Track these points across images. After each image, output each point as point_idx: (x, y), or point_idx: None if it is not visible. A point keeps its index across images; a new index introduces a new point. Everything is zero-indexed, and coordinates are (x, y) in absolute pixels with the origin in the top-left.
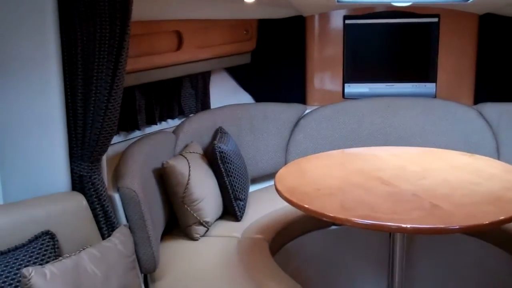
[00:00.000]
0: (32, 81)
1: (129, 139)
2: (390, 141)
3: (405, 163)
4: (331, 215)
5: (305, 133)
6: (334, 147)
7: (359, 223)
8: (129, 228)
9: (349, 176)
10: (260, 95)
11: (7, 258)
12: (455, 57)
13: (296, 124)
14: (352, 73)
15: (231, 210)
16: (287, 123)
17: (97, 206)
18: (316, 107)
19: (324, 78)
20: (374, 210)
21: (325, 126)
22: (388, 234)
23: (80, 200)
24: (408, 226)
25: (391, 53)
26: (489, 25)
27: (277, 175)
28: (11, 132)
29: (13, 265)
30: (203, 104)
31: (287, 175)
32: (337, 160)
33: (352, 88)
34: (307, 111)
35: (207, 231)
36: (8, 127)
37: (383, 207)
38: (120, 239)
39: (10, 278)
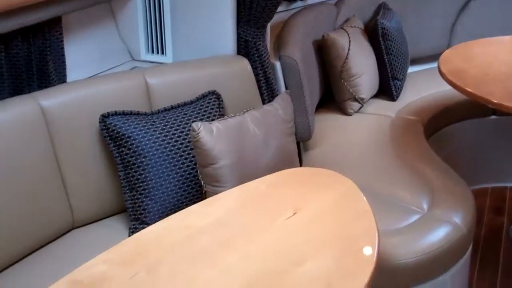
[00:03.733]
0: None
1: (291, 9)
2: None
3: None
4: (497, 102)
5: (474, 15)
6: (504, 33)
7: None
8: None
9: None
10: None
11: (177, 112)
12: None
13: (465, 5)
14: None
15: (387, 89)
16: (455, 3)
17: (260, 71)
18: None
19: None
20: None
21: (497, 10)
22: None
23: (244, 64)
24: None
25: None
26: None
27: (442, 57)
28: None
29: (182, 119)
30: None
31: (452, 57)
32: (509, 47)
33: None
34: None
35: (361, 107)
36: None
37: None
38: (281, 104)
39: (179, 131)
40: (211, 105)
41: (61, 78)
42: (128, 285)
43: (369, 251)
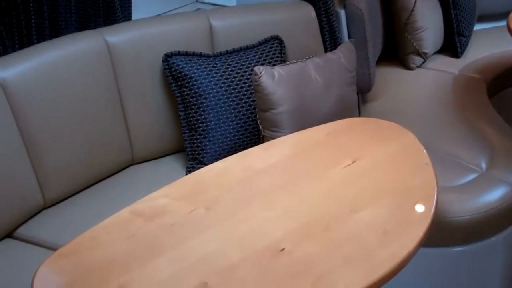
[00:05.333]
0: None
1: None
2: None
3: None
4: None
5: None
6: None
7: None
8: None
9: None
10: None
11: (239, 55)
12: None
13: None
14: None
15: (452, 45)
16: None
17: (324, 19)
18: None
19: None
20: None
21: None
22: None
23: (309, 11)
24: None
25: None
26: None
27: None
28: None
29: (244, 62)
30: None
31: None
32: None
33: None
34: None
35: (423, 62)
36: None
37: None
38: (344, 53)
39: (240, 74)
40: (273, 50)
41: (127, 16)
42: (187, 219)
43: (427, 204)
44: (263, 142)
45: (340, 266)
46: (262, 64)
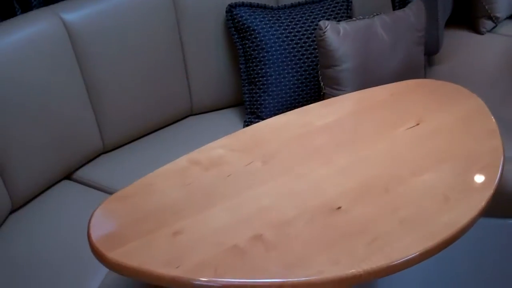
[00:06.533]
0: None
1: None
2: None
3: None
4: None
5: None
6: None
7: None
8: None
9: None
10: None
11: (304, 9)
12: None
13: None
14: None
15: None
16: None
17: None
18: None
19: None
20: None
21: None
22: None
23: None
24: None
25: None
26: None
27: None
28: None
29: (308, 17)
30: None
31: None
32: None
33: None
34: None
35: (494, 27)
36: None
37: None
38: (413, 11)
39: (304, 28)
40: (339, 5)
41: None
42: (243, 172)
43: (491, 172)
44: (323, 99)
45: (396, 229)
46: (328, 19)
